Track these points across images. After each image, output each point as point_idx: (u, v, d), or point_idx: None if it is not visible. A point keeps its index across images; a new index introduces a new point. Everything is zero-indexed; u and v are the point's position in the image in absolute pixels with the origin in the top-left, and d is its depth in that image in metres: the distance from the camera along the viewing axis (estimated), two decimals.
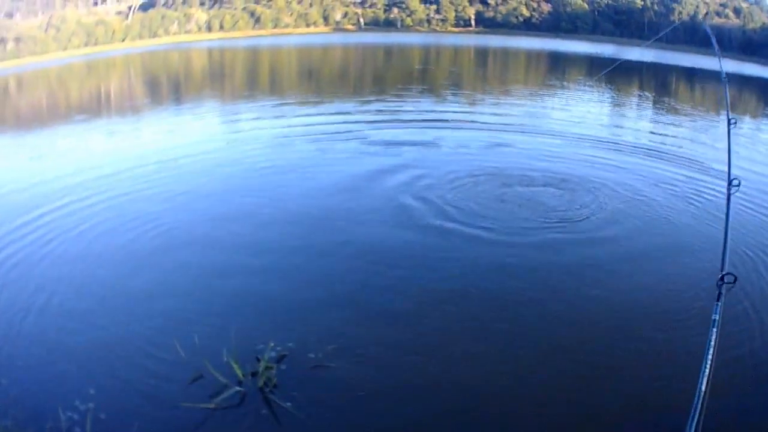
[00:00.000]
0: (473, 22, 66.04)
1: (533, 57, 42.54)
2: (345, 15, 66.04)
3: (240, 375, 4.02)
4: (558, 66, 37.11)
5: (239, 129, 13.78)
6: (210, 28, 59.19)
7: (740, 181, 3.65)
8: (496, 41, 52.58)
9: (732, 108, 5.60)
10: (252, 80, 27.60)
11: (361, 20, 66.07)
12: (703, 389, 1.96)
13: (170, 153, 10.65)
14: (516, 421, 3.85)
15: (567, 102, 19.39)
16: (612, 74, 21.21)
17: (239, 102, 19.36)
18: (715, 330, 2.28)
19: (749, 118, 18.17)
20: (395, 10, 66.52)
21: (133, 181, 8.69)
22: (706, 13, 58.10)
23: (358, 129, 12.43)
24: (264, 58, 39.52)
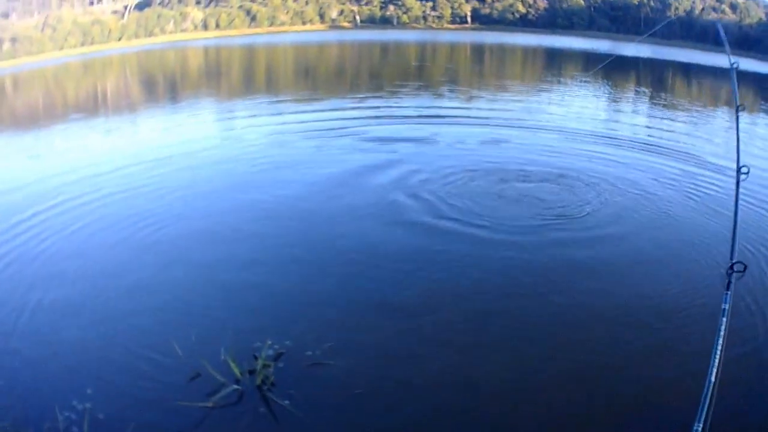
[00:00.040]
0: (469, 19, 66.01)
1: (529, 53, 42.51)
2: (341, 12, 65.95)
3: (237, 373, 4.00)
4: (554, 62, 37.08)
5: (235, 127, 13.74)
6: (206, 27, 59.02)
7: (749, 168, 3.49)
8: (493, 38, 52.41)
9: (730, 103, 5.57)
10: (248, 78, 27.50)
11: (357, 18, 65.97)
12: (713, 380, 1.93)
13: (166, 151, 10.61)
14: (516, 421, 3.81)
15: (563, 98, 19.40)
16: (609, 70, 21.24)
17: (235, 100, 19.30)
18: (725, 320, 2.23)
19: (746, 114, 18.15)
20: (391, 8, 66.39)
21: (129, 180, 8.64)
22: (702, 9, 58.13)
23: (355, 125, 12.38)
24: (260, 56, 39.38)
